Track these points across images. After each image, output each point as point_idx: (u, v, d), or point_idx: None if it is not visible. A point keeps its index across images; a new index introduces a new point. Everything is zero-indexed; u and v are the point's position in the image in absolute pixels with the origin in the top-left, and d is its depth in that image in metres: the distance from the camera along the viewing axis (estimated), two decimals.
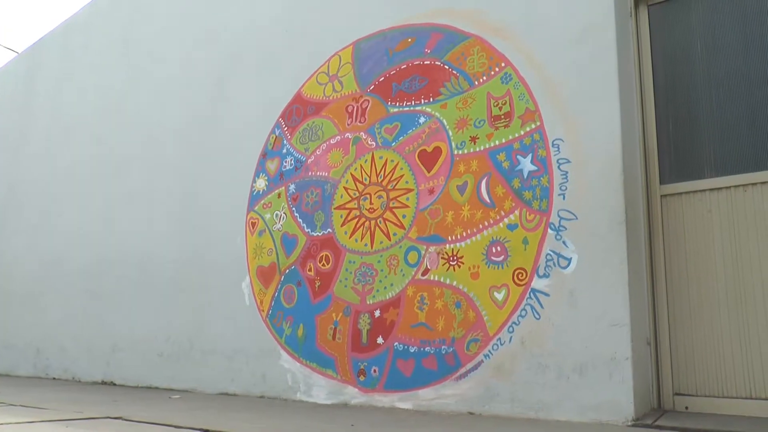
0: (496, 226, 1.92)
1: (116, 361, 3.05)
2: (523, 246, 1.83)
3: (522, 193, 1.89)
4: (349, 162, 2.44)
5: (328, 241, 2.39)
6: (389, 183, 2.29)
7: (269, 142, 2.75)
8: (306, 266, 2.43)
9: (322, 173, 2.53)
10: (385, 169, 2.32)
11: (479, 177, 2.01)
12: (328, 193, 2.47)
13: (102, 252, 3.29)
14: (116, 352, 3.06)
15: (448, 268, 1.99)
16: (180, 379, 2.75)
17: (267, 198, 2.69)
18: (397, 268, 2.13)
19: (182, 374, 2.74)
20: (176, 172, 3.12)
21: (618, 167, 1.75)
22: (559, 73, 1.92)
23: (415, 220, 2.14)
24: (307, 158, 2.59)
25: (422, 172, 2.21)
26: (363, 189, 2.36)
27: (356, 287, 2.24)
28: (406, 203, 2.22)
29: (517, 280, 1.83)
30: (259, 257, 2.62)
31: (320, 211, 2.46)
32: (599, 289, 1.71)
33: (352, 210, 2.37)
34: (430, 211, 2.12)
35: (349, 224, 2.35)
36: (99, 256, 3.30)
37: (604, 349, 1.66)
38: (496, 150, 2.01)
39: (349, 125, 2.47)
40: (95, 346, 3.17)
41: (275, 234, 2.60)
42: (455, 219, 2.04)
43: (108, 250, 3.26)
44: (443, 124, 2.19)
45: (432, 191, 2.15)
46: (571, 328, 1.73)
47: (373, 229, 2.28)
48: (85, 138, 3.65)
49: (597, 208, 1.76)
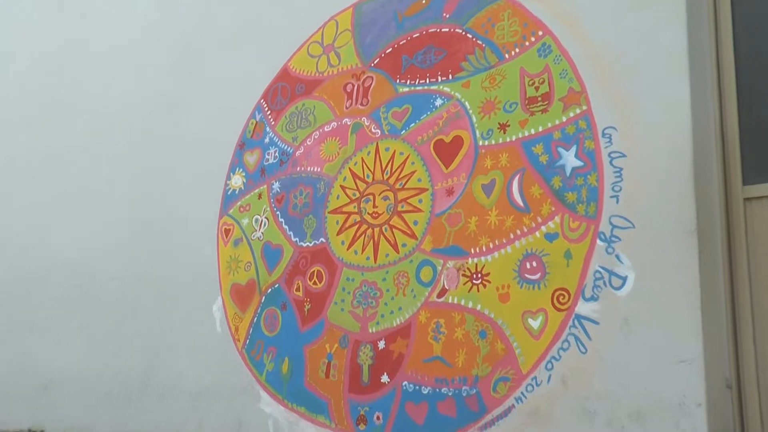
0: (531, 235, 1.92)
1: (48, 404, 3.00)
2: (565, 261, 1.83)
3: (564, 194, 1.88)
4: (348, 154, 2.43)
5: (320, 254, 2.39)
6: (397, 181, 2.28)
7: (248, 130, 2.69)
8: (293, 285, 2.42)
9: (313, 168, 2.51)
10: (392, 163, 2.31)
11: (510, 174, 2.00)
12: (321, 193, 2.45)
13: (29, 266, 3.24)
14: (48, 393, 3.02)
15: (471, 288, 1.98)
16: (132, 425, 2.71)
17: (245, 199, 2.65)
18: (407, 288, 2.13)
19: (134, 419, 2.71)
20: (128, 167, 3.07)
21: (687, 163, 1.74)
22: (612, 43, 1.91)
23: (430, 227, 2.14)
24: (295, 150, 2.56)
25: (439, 168, 2.20)
26: (365, 188, 2.35)
27: (355, 311, 2.23)
28: (418, 206, 2.21)
29: (558, 303, 1.82)
30: (234, 273, 2.60)
31: (311, 215, 2.46)
32: (662, 316, 1.69)
33: (350, 214, 2.37)
34: (449, 216, 2.12)
35: (347, 232, 2.35)
36: (25, 271, 3.25)
37: (670, 392, 1.64)
38: (531, 140, 2.00)
39: (348, 109, 2.45)
40: (20, 386, 3.11)
41: (255, 244, 2.57)
42: (480, 226, 2.03)
43: (36, 264, 3.21)
44: (465, 108, 2.19)
45: (451, 192, 2.14)
46: (626, 364, 1.72)
47: (377, 238, 2.27)
48: (7, 122, 3.58)
49: (660, 214, 1.74)
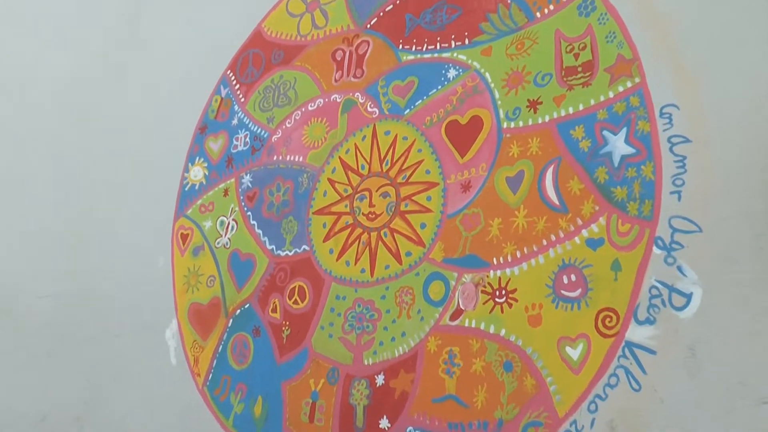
0: (568, 242, 1.90)
1: None
2: (612, 274, 1.81)
3: (611, 190, 1.86)
4: (338, 140, 2.43)
5: (303, 265, 2.39)
6: (400, 173, 2.28)
7: (211, 109, 2.71)
8: (268, 304, 2.42)
9: (294, 157, 2.52)
10: (393, 151, 2.31)
11: (542, 164, 1.99)
12: (303, 188, 2.46)
13: None
14: None
15: (493, 309, 1.97)
16: None
17: (207, 196, 2.67)
18: (412, 309, 2.12)
19: None
20: (60, 156, 3.08)
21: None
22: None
23: (441, 231, 2.14)
24: (270, 134, 2.57)
25: (452, 157, 2.20)
26: (359, 183, 2.36)
27: (347, 338, 2.22)
28: (426, 205, 2.21)
29: (604, 327, 1.80)
30: (193, 290, 2.62)
31: (291, 217, 2.47)
32: (737, 344, 1.66)
33: (341, 216, 2.37)
34: (465, 217, 2.11)
35: (337, 238, 2.35)
36: None
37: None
38: (569, 122, 1.99)
39: (338, 82, 2.46)
40: None
41: (219, 253, 2.59)
42: (504, 231, 2.02)
43: None
44: (485, 81, 2.18)
45: (467, 187, 2.14)
46: (692, 406, 1.69)
47: (375, 245, 2.27)
48: None
49: (734, 215, 1.73)
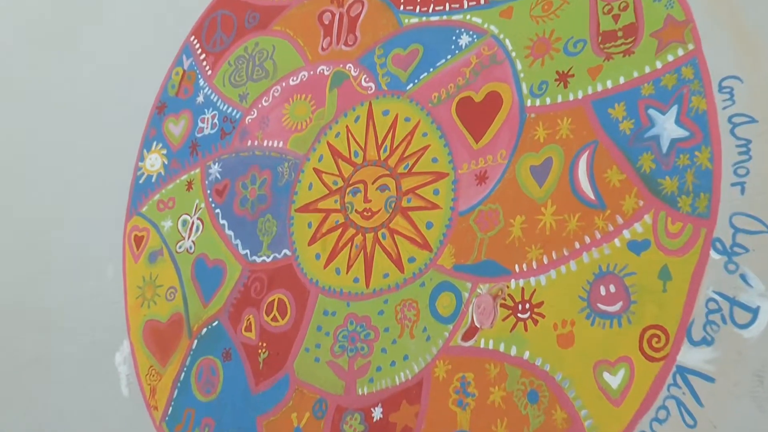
0: (607, 244, 1.86)
1: None
2: (660, 284, 1.76)
3: (658, 181, 1.83)
4: (326, 121, 2.43)
5: (283, 274, 2.38)
6: (401, 162, 2.27)
7: (170, 84, 2.73)
8: (241, 322, 2.41)
9: (273, 143, 2.53)
10: (393, 135, 2.30)
11: (574, 151, 1.96)
12: (284, 180, 2.47)
13: None
14: None
15: (515, 326, 1.93)
16: None
17: (166, 190, 2.68)
18: (416, 326, 2.09)
19: None
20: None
21: None
22: None
23: (452, 232, 2.12)
24: (244, 114, 2.58)
25: (464, 142, 2.17)
26: (352, 174, 2.35)
27: (337, 362, 2.20)
28: (433, 201, 2.19)
29: (650, 349, 1.75)
30: (149, 304, 2.61)
31: (269, 215, 2.47)
32: None
33: (330, 213, 2.36)
34: (481, 215, 2.08)
35: (326, 241, 2.34)
36: None
37: None
38: (607, 99, 1.96)
39: (326, 51, 2.48)
40: None
41: (182, 259, 2.59)
42: (528, 231, 1.98)
43: None
44: (505, 49, 2.16)
45: (483, 178, 2.11)
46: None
47: (371, 249, 2.26)
48: None
49: None
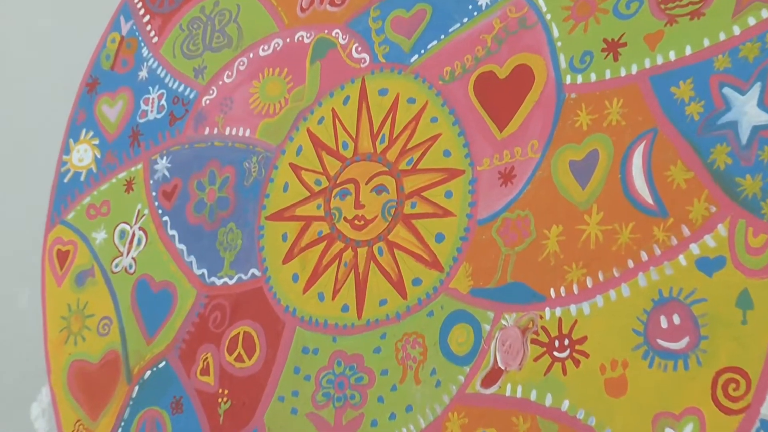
0: (669, 262, 1.62)
1: None
2: (738, 313, 1.53)
3: (735, 181, 1.60)
4: (307, 103, 2.25)
5: (251, 300, 2.21)
6: (404, 156, 2.05)
7: (105, 54, 2.68)
8: (196, 362, 2.26)
9: (237, 131, 2.38)
10: (393, 121, 2.10)
11: (627, 142, 1.75)
12: (252, 179, 2.30)
13: None
14: None
15: (551, 368, 1.69)
16: None
17: (99, 192, 2.56)
18: (423, 368, 1.89)
19: None
20: None
21: None
22: None
23: (469, 246, 1.89)
24: (200, 93, 2.48)
25: (485, 130, 1.92)
26: (339, 171, 2.15)
27: (320, 414, 2.03)
28: (445, 206, 1.95)
29: (726, 398, 1.51)
30: (76, 340, 2.48)
31: (232, 224, 2.30)
32: None
33: (311, 222, 2.16)
34: (507, 224, 1.85)
35: (306, 258, 2.14)
36: None
37: None
38: (669, 74, 1.73)
39: (307, 11, 2.35)
40: None
41: (119, 282, 2.44)
42: (567, 244, 1.76)
43: None
44: (537, 10, 1.96)
45: (510, 176, 1.87)
46: None
47: (365, 269, 2.04)
48: None
49: None
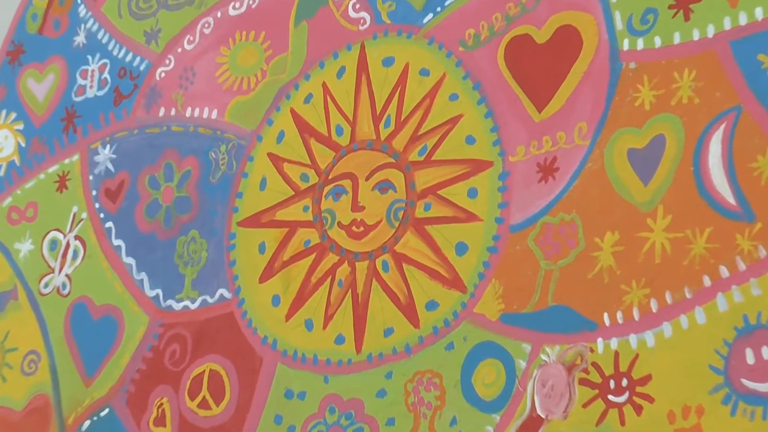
0: (756, 279, 1.40)
1: None
2: None
3: None
4: (290, 76, 2.11)
5: (218, 329, 2.05)
6: (416, 143, 1.87)
7: (31, 14, 2.69)
8: (148, 409, 2.09)
9: (201, 112, 2.25)
10: (401, 98, 1.93)
11: (702, 124, 1.55)
12: (220, 174, 2.15)
13: None
14: None
15: (605, 415, 1.45)
16: None
17: (23, 191, 2.50)
18: (440, 417, 1.67)
19: None
20: None
21: None
22: None
23: (499, 260, 1.69)
24: (153, 63, 2.43)
25: (520, 109, 1.71)
26: (331, 163, 1.98)
27: None
28: (468, 208, 1.74)
29: None
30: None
31: (194, 231, 2.14)
32: None
33: (296, 228, 2.00)
34: (547, 231, 1.63)
35: (289, 275, 1.97)
36: None
37: None
38: (754, 38, 1.52)
39: None
40: None
41: (49, 305, 2.31)
42: (625, 257, 1.54)
43: None
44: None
45: (551, 169, 1.66)
46: None
47: (365, 290, 1.85)
48: None
49: None
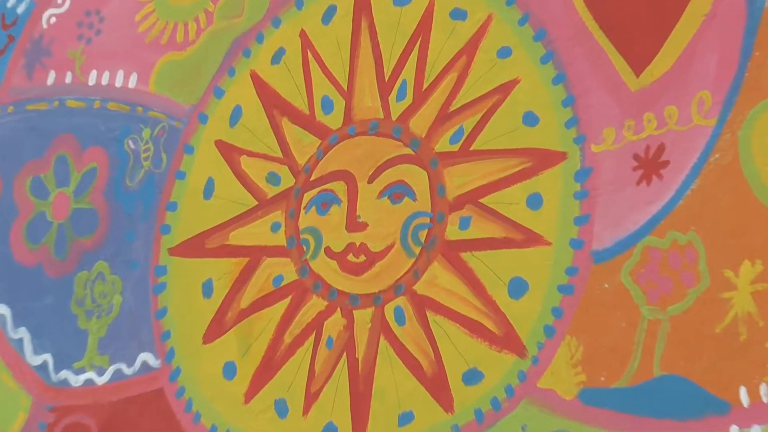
0: None
1: None
2: None
3: None
4: (248, 24, 1.91)
5: (141, 412, 2.02)
6: (446, 124, 1.71)
7: None
8: None
9: (110, 77, 2.09)
10: (423, 54, 1.78)
11: None
12: (142, 174, 2.02)
13: None
14: None
15: None
16: None
17: None
18: None
19: None
20: None
21: None
22: None
23: (576, 304, 1.51)
24: (38, 2, 2.42)
25: (607, 71, 1.53)
26: (314, 155, 1.82)
27: None
28: (529, 225, 1.61)
29: None
30: None
31: (103, 263, 2.02)
32: None
33: (259, 258, 1.88)
34: (650, 260, 1.48)
35: (250, 330, 1.85)
36: None
37: None
38: None
39: None
40: None
41: None
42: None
43: None
44: None
45: (653, 163, 1.48)
46: None
47: (367, 354, 1.73)
48: None
49: None
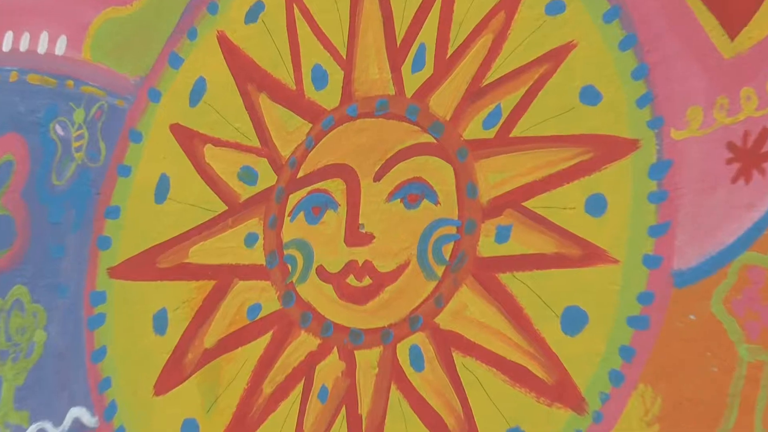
0: None
1: None
2: None
3: None
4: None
5: None
6: (477, 102, 1.67)
7: None
8: None
9: (32, 41, 1.64)
10: (447, 13, 1.73)
11: None
12: (73, 169, 2.01)
13: None
14: None
15: None
16: None
17: None
18: None
19: None
20: None
21: None
22: None
23: (652, 342, 1.40)
24: None
25: (693, 34, 1.46)
26: (299, 145, 1.73)
27: None
28: (589, 236, 1.52)
29: None
30: None
31: (21, 287, 2.17)
32: None
33: (229, 280, 1.86)
34: (750, 284, 1.41)
35: (216, 377, 1.79)
36: None
37: None
38: None
39: None
40: None
41: None
42: None
43: None
44: None
45: (753, 154, 1.34)
46: None
47: (375, 408, 1.74)
48: None
49: None
